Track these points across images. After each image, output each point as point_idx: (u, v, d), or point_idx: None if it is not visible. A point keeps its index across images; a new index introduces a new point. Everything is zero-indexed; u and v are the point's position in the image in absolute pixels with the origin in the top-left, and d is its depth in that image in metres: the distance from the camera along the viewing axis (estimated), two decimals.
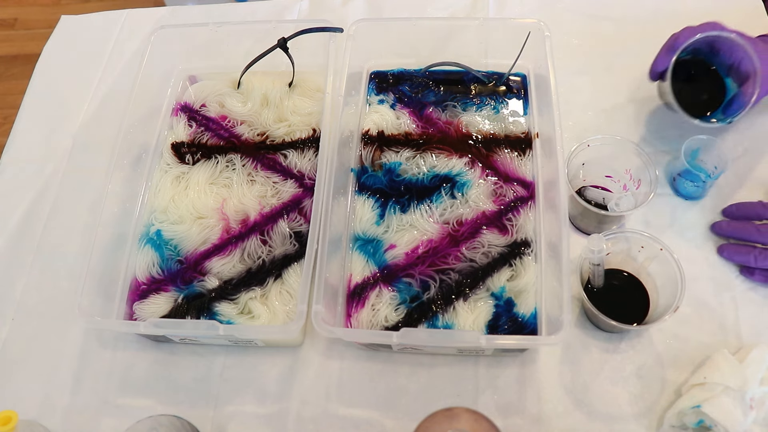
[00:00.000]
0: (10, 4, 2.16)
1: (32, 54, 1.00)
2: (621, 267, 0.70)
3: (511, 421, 0.65)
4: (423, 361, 0.69)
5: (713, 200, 0.75)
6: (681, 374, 0.66)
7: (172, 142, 0.81)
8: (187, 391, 0.69)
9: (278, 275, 0.71)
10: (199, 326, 0.64)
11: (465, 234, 0.71)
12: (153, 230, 0.75)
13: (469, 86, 0.82)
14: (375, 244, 0.71)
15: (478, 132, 0.78)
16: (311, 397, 0.68)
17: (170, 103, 0.84)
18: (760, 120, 0.79)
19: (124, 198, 0.75)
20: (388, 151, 0.77)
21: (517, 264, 0.69)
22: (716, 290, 0.70)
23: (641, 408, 0.64)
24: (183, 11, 1.02)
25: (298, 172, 0.77)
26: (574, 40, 0.90)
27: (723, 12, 0.90)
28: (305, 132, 0.80)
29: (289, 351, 0.70)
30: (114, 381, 0.71)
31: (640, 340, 0.68)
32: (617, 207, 0.70)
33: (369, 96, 0.83)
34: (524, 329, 0.65)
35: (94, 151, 0.87)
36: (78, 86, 0.94)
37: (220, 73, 0.86)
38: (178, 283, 0.71)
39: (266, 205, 0.75)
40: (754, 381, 0.60)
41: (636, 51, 0.85)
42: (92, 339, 0.73)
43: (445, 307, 0.67)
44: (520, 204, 0.72)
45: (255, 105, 0.83)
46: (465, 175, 0.74)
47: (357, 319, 0.68)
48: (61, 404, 0.70)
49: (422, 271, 0.69)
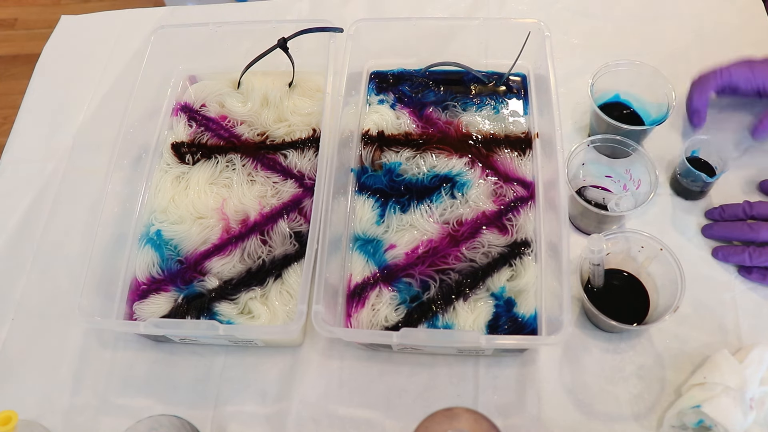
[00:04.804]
0: (10, 4, 2.16)
1: (32, 54, 1.00)
2: (621, 267, 0.70)
3: (511, 421, 0.65)
4: (423, 361, 0.69)
5: (713, 200, 0.75)
6: (681, 374, 0.66)
7: (172, 142, 0.81)
8: (187, 391, 0.69)
9: (278, 275, 0.71)
10: (199, 326, 0.64)
11: (465, 234, 0.71)
12: (153, 230, 0.75)
13: (469, 86, 0.82)
14: (375, 244, 0.71)
15: (478, 132, 0.78)
16: (311, 397, 0.68)
17: (170, 103, 0.84)
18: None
19: (124, 198, 0.75)
20: (388, 151, 0.77)
21: (517, 264, 0.69)
22: (716, 290, 0.70)
23: (641, 408, 0.64)
24: (183, 11, 1.02)
25: (298, 172, 0.77)
26: (574, 40, 0.90)
27: (723, 12, 0.90)
28: (305, 132, 0.80)
29: (289, 351, 0.70)
30: (114, 381, 0.71)
31: (640, 340, 0.68)
32: (617, 207, 0.70)
33: (369, 96, 0.83)
34: (524, 329, 0.65)
35: (94, 151, 0.87)
36: (78, 86, 0.94)
37: (220, 73, 0.86)
38: (178, 283, 0.71)
39: (266, 205, 0.75)
40: (754, 381, 0.60)
41: (636, 51, 0.85)
42: (92, 339, 0.73)
43: (445, 307, 0.67)
44: (520, 204, 0.72)
45: (255, 105, 0.83)
46: (465, 175, 0.74)
47: (357, 319, 0.68)
48: (61, 404, 0.70)
49: (422, 271, 0.69)
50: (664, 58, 0.82)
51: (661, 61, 0.78)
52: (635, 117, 0.78)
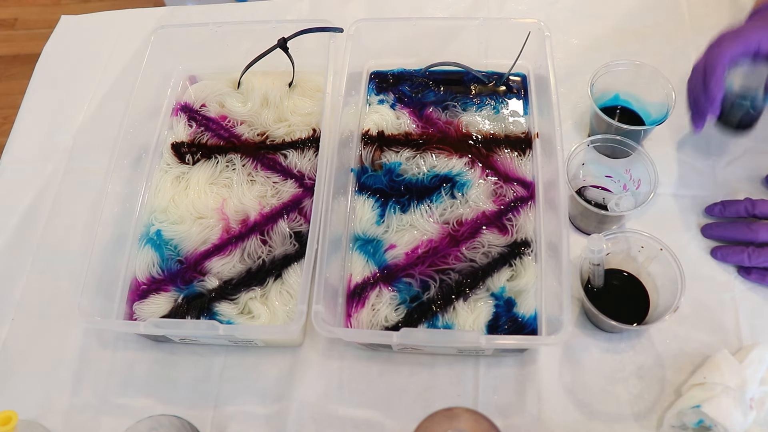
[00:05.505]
0: (10, 4, 2.16)
1: (32, 54, 1.00)
2: (621, 267, 0.70)
3: (511, 421, 0.65)
4: (423, 361, 0.69)
5: (713, 200, 0.75)
6: (681, 374, 0.66)
7: (172, 142, 0.81)
8: (187, 391, 0.69)
9: (278, 275, 0.71)
10: (199, 326, 0.64)
11: (465, 234, 0.71)
12: (153, 230, 0.75)
13: (469, 86, 0.82)
14: (375, 244, 0.71)
15: (478, 132, 0.78)
16: (311, 397, 0.67)
17: (170, 103, 0.84)
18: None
19: (124, 198, 0.75)
20: (388, 151, 0.77)
21: (517, 264, 0.69)
22: (716, 290, 0.70)
23: (641, 408, 0.64)
24: (183, 11, 1.02)
25: (298, 172, 0.77)
26: (574, 40, 0.90)
27: (723, 13, 0.90)
28: (305, 132, 0.80)
29: (289, 351, 0.70)
30: (114, 381, 0.71)
31: (640, 340, 0.68)
32: (617, 207, 0.70)
33: (369, 96, 0.83)
34: (524, 329, 0.65)
35: (94, 151, 0.87)
36: (78, 86, 0.94)
37: (220, 73, 0.86)
38: (178, 283, 0.71)
39: (266, 205, 0.75)
40: (754, 381, 0.60)
41: (636, 51, 0.85)
42: (92, 339, 0.73)
43: (445, 307, 0.67)
44: (520, 204, 0.72)
45: (255, 105, 0.83)
46: (465, 175, 0.74)
47: (357, 319, 0.68)
48: (61, 404, 0.70)
49: (422, 271, 0.69)
50: (664, 58, 0.82)
51: (661, 61, 0.78)
52: (635, 117, 0.78)
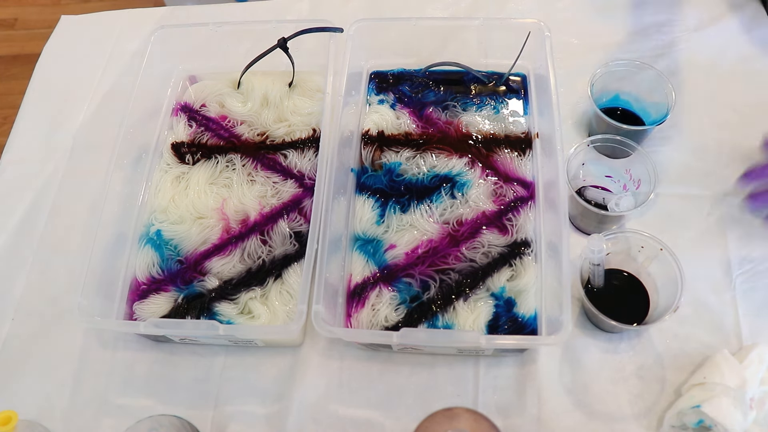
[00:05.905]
0: (10, 4, 2.16)
1: (32, 54, 1.00)
2: (621, 267, 0.70)
3: (511, 421, 0.65)
4: (423, 361, 0.69)
5: (714, 200, 0.75)
6: (681, 374, 0.66)
7: (172, 142, 0.81)
8: (187, 391, 0.69)
9: (278, 275, 0.71)
10: (199, 326, 0.64)
11: (465, 234, 0.71)
12: (153, 230, 0.75)
13: (469, 86, 0.82)
14: (375, 244, 0.71)
15: (478, 132, 0.78)
16: (311, 397, 0.67)
17: (170, 103, 0.84)
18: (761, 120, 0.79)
19: (124, 198, 0.75)
20: (388, 151, 0.77)
21: (517, 264, 0.68)
22: (716, 290, 0.70)
23: (641, 408, 0.64)
24: (183, 11, 1.02)
25: (298, 172, 0.77)
26: (573, 40, 0.90)
27: (723, 15, 0.90)
28: (305, 132, 0.80)
29: (289, 351, 0.70)
30: (114, 381, 0.71)
31: (640, 340, 0.68)
32: (617, 207, 0.70)
33: (369, 96, 0.83)
34: (524, 329, 0.65)
35: (94, 151, 0.87)
36: (78, 86, 0.94)
37: (220, 73, 0.86)
38: (178, 283, 0.71)
39: (266, 205, 0.75)
40: (753, 381, 0.60)
41: (636, 51, 0.85)
42: (92, 339, 0.73)
43: (445, 307, 0.67)
44: (520, 204, 0.72)
45: (255, 105, 0.83)
46: (465, 175, 0.74)
47: (357, 319, 0.68)
48: (61, 404, 0.70)
49: (422, 271, 0.69)
50: (664, 59, 0.82)
51: (662, 61, 0.78)
52: (635, 117, 0.79)
